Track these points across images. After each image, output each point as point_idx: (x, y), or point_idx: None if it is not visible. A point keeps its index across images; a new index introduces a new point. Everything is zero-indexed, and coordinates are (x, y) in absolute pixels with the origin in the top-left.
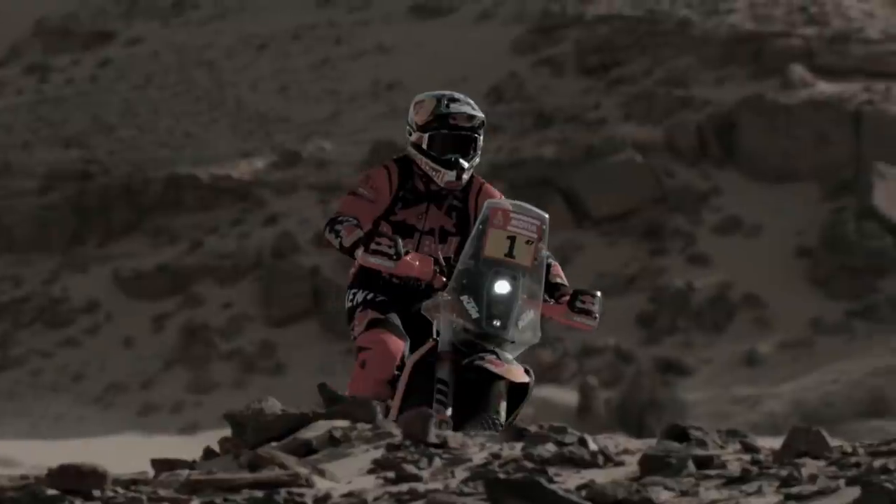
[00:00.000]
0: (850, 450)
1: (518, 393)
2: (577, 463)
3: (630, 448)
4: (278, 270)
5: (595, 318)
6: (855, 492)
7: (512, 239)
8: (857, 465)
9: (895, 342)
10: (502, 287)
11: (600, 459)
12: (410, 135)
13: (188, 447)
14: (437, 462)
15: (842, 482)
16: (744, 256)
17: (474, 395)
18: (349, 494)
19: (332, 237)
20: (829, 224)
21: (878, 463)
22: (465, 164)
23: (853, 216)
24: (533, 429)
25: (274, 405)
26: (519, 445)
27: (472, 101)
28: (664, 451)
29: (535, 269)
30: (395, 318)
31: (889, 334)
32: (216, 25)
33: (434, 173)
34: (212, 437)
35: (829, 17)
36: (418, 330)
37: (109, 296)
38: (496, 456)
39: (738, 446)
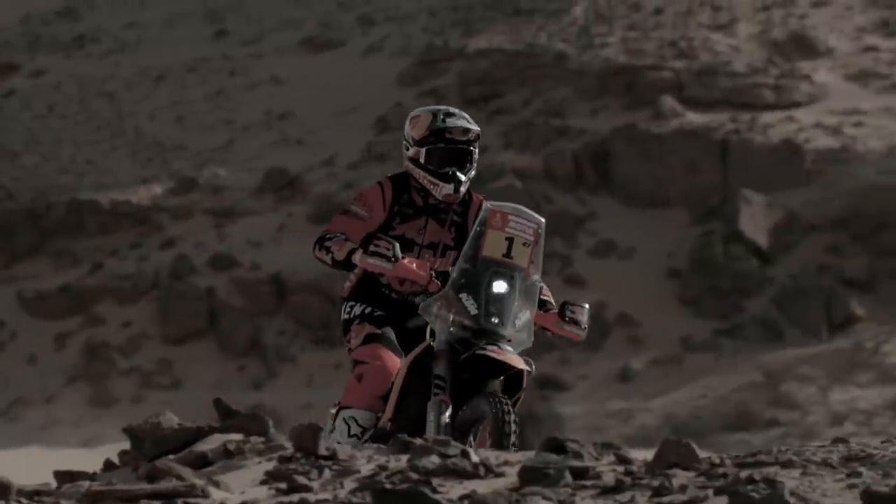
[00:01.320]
0: (717, 461)
1: (513, 385)
2: (460, 474)
3: (510, 460)
4: (175, 291)
5: (583, 328)
6: (723, 501)
7: (510, 240)
8: (725, 475)
9: (760, 359)
10: (500, 286)
11: (482, 471)
12: (407, 150)
13: (89, 460)
14: (327, 473)
15: (710, 492)
16: (618, 278)
17: (470, 392)
18: None
19: (323, 254)
20: (698, 247)
21: (744, 474)
22: (463, 178)
23: (720, 240)
24: (418, 442)
25: (171, 419)
26: (405, 457)
27: (466, 115)
28: (542, 463)
29: (531, 270)
30: (390, 334)
31: (754, 352)
32: (116, 58)
33: (432, 187)
34: (112, 450)
35: (697, 52)
36: (412, 346)
37: (14, 315)
38: (383, 467)
39: (612, 458)
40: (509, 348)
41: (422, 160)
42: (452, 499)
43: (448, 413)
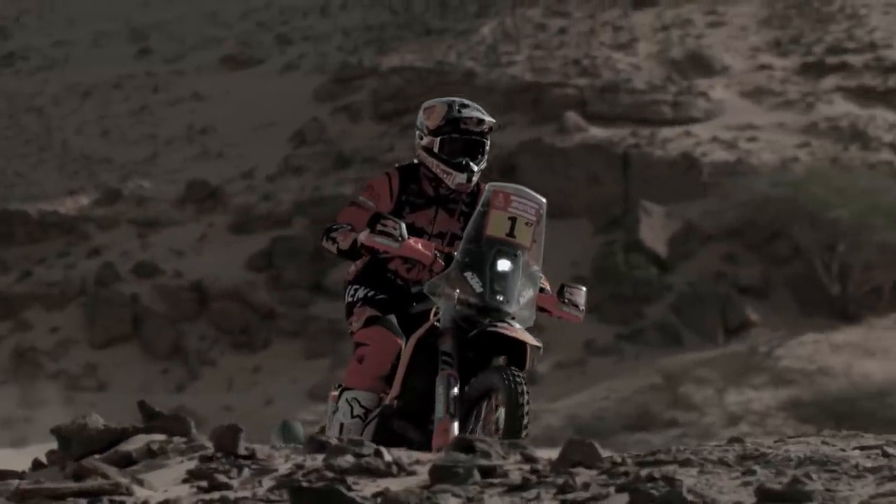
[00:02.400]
0: (619, 460)
1: (515, 364)
2: (374, 473)
3: (421, 459)
4: (101, 298)
5: (581, 310)
6: (624, 498)
7: (513, 220)
8: (626, 473)
9: (659, 363)
10: (504, 264)
11: (394, 469)
12: (421, 139)
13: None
14: (246, 472)
15: (612, 489)
16: None
17: (475, 370)
18: (165, 502)
19: (329, 244)
20: (601, 256)
21: (644, 472)
22: (475, 168)
23: (622, 249)
24: (333, 442)
25: (97, 420)
26: (321, 457)
27: (480, 107)
28: (452, 462)
29: (534, 249)
30: (392, 317)
31: (654, 356)
32: (44, 75)
33: (445, 176)
34: (40, 450)
35: (599, 70)
36: (414, 331)
37: None
38: (300, 466)
39: (518, 457)
40: (517, 325)
41: (436, 149)
42: (366, 496)
43: (456, 387)
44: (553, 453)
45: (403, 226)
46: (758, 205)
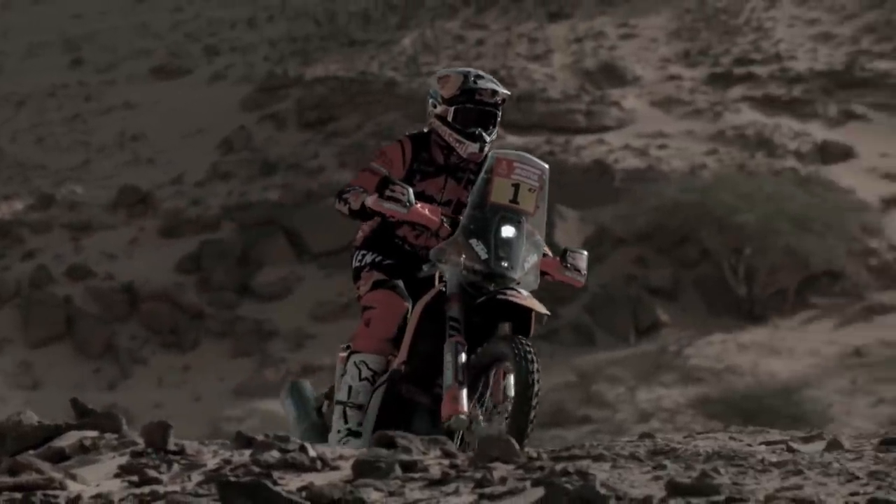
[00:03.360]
0: (535, 455)
1: (522, 329)
2: (299, 468)
3: (345, 454)
4: (35, 299)
5: (583, 274)
6: (539, 492)
7: (516, 186)
8: (542, 468)
9: (573, 361)
10: (508, 230)
11: (319, 464)
12: (435, 107)
13: None
14: (176, 467)
15: (528, 483)
16: None
17: (481, 335)
18: (97, 496)
19: (342, 206)
20: None
21: (559, 467)
22: (488, 139)
23: None
24: (259, 438)
25: (31, 417)
26: (247, 452)
27: (495, 80)
28: (374, 457)
29: (537, 215)
30: (399, 281)
31: (568, 355)
32: None
33: (458, 145)
34: None
35: (516, 80)
36: (421, 296)
37: None
38: (227, 462)
39: (438, 452)
40: (524, 292)
41: (449, 118)
42: (291, 490)
43: (464, 355)
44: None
45: (411, 191)
46: (668, 210)
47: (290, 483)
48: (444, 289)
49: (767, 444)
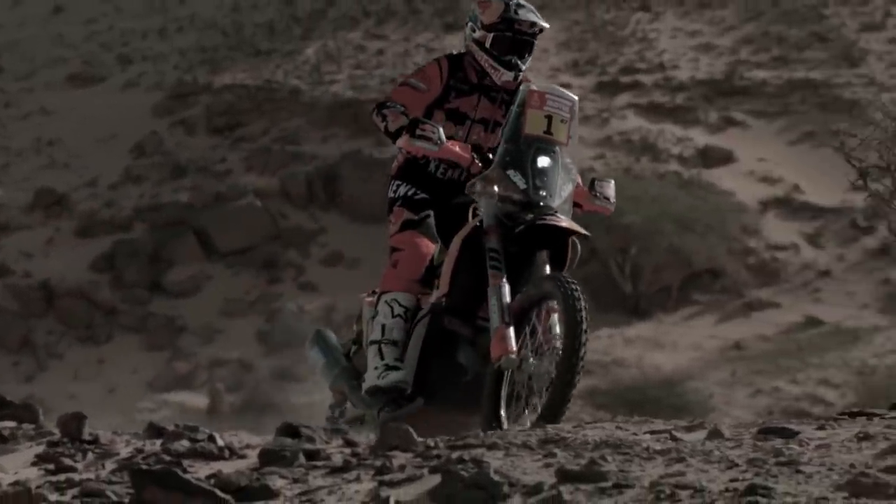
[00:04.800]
0: (432, 444)
1: (558, 258)
2: (208, 456)
3: (251, 444)
4: None
5: (612, 202)
6: (436, 479)
7: (549, 118)
8: (439, 456)
9: None
10: (544, 160)
11: (227, 453)
12: (474, 31)
13: None
14: (90, 456)
15: (426, 471)
16: (345, 284)
17: (519, 266)
18: (16, 483)
19: (379, 120)
20: None
21: (455, 455)
22: (523, 67)
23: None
24: (170, 428)
25: None
26: (159, 442)
27: (535, 10)
28: (279, 446)
29: (569, 146)
30: (429, 220)
31: None
32: None
33: (493, 71)
34: None
35: None
36: (456, 222)
37: None
38: (140, 451)
39: (340, 441)
40: (563, 217)
41: (487, 44)
42: (200, 478)
43: (508, 296)
44: (372, 437)
45: (441, 129)
46: None
47: (200, 471)
48: (480, 222)
49: (652, 433)
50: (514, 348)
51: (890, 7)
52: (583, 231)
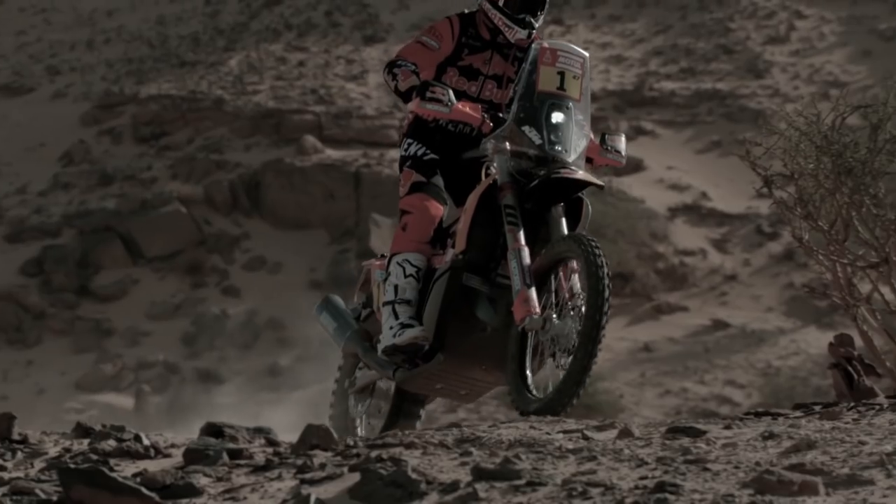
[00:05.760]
0: (351, 443)
1: (573, 213)
2: (134, 455)
3: (176, 443)
4: None
5: (623, 155)
6: (356, 477)
7: (561, 74)
8: (358, 455)
9: None
10: (558, 116)
11: (152, 452)
12: None
13: None
14: (19, 455)
15: (346, 469)
16: (268, 288)
17: (535, 222)
18: None
19: (390, 79)
20: (336, 262)
21: (374, 454)
22: (536, 25)
23: (354, 256)
24: (98, 428)
25: None
26: (86, 441)
27: None
28: (203, 446)
29: (582, 101)
30: (438, 181)
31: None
32: None
33: (506, 29)
34: None
35: (334, 98)
36: (466, 178)
37: None
38: (68, 450)
39: (263, 441)
40: (577, 169)
41: (500, 2)
42: (127, 476)
43: (528, 258)
44: (293, 437)
45: (451, 91)
46: None
47: (126, 469)
48: (495, 180)
49: (564, 433)
50: (538, 309)
51: (793, 21)
52: (598, 182)
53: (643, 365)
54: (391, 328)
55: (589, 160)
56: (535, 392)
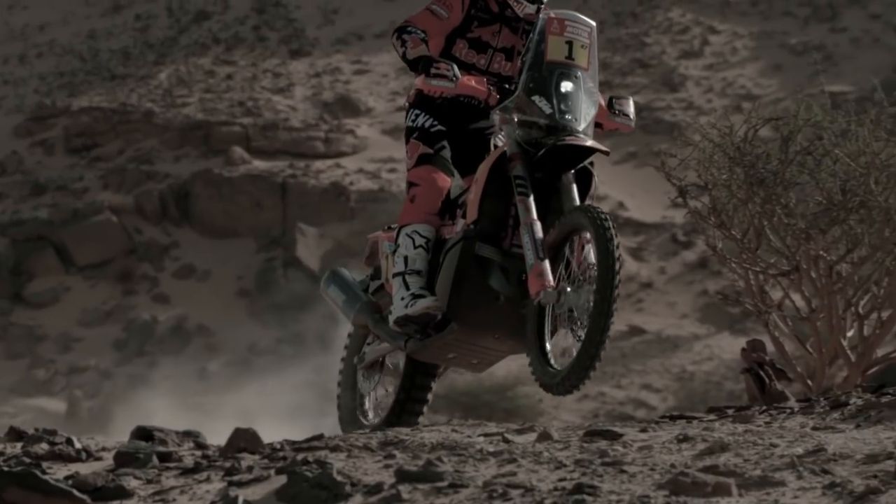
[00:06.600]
0: (278, 446)
1: (583, 183)
2: (66, 458)
3: (107, 446)
4: None
5: (632, 119)
6: (282, 479)
7: (569, 44)
8: (284, 458)
9: (313, 361)
10: (567, 85)
11: (84, 455)
12: None
13: None
14: None
15: (272, 472)
16: (197, 296)
17: (546, 191)
18: None
19: (398, 44)
20: (263, 271)
21: (300, 457)
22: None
23: (281, 265)
24: (30, 432)
25: None
26: (20, 445)
27: None
28: (133, 449)
29: (590, 70)
30: (445, 153)
31: (307, 356)
32: None
33: (515, 4)
34: None
35: (261, 110)
36: (473, 149)
37: None
38: (1, 453)
39: (191, 444)
40: (586, 137)
41: None
42: (59, 479)
43: (540, 232)
44: (222, 440)
45: (455, 66)
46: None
47: (58, 472)
48: (505, 150)
49: (485, 436)
50: (552, 283)
51: (707, 36)
52: (602, 149)
53: None
54: (402, 299)
55: (599, 125)
56: (555, 365)
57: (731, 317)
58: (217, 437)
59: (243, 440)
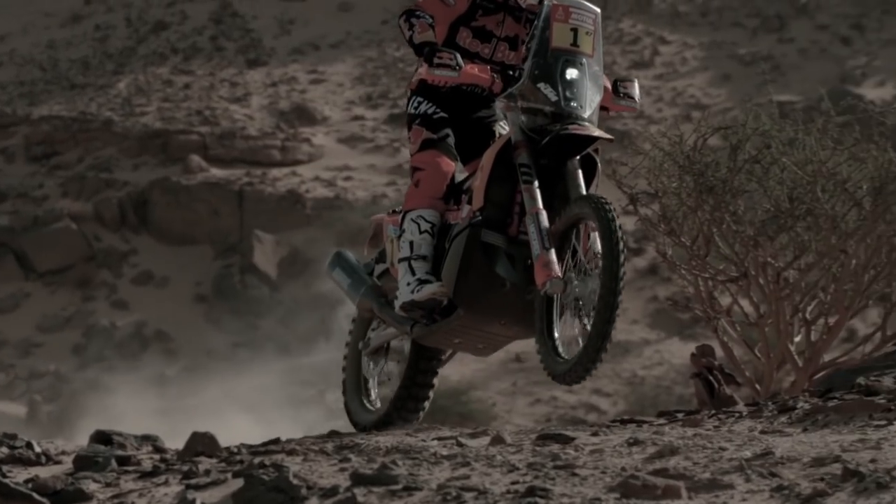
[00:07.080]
0: (235, 450)
1: (588, 171)
2: (26, 462)
3: (67, 450)
4: None
5: (637, 101)
6: (239, 482)
7: (574, 31)
8: (241, 461)
9: (270, 365)
10: (573, 72)
11: (43, 459)
12: None
13: None
14: None
15: (230, 475)
16: (155, 302)
17: (551, 178)
18: None
19: (406, 27)
20: (220, 277)
21: (257, 460)
22: None
23: (238, 271)
24: None
25: None
26: None
27: None
28: (92, 452)
29: (595, 57)
30: (448, 138)
31: (264, 361)
32: None
33: None
34: None
35: (219, 119)
36: (476, 138)
37: None
38: None
39: (150, 448)
40: (588, 124)
41: None
42: (19, 482)
43: (546, 221)
44: (180, 444)
45: (459, 55)
46: (352, 233)
47: (18, 475)
48: (510, 137)
49: (439, 440)
50: (559, 272)
51: (657, 47)
52: (606, 136)
53: (515, 375)
54: (408, 284)
55: (605, 109)
56: (564, 355)
57: (680, 322)
58: (175, 440)
59: (201, 444)
